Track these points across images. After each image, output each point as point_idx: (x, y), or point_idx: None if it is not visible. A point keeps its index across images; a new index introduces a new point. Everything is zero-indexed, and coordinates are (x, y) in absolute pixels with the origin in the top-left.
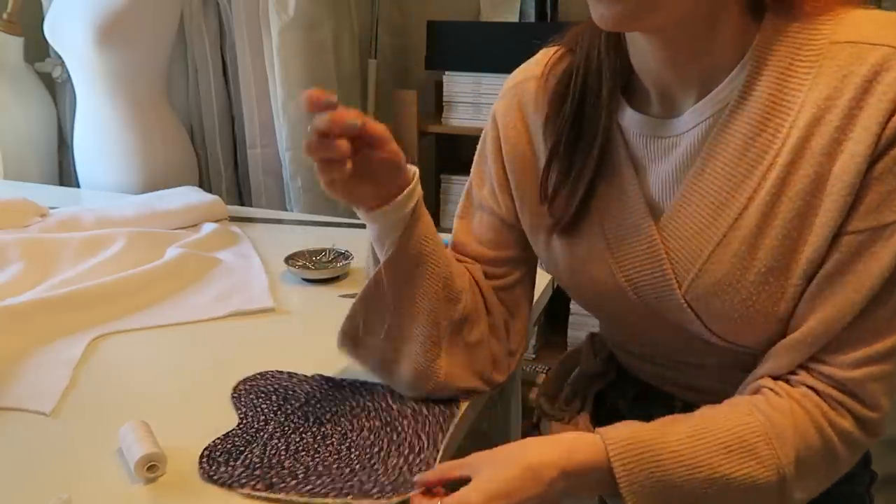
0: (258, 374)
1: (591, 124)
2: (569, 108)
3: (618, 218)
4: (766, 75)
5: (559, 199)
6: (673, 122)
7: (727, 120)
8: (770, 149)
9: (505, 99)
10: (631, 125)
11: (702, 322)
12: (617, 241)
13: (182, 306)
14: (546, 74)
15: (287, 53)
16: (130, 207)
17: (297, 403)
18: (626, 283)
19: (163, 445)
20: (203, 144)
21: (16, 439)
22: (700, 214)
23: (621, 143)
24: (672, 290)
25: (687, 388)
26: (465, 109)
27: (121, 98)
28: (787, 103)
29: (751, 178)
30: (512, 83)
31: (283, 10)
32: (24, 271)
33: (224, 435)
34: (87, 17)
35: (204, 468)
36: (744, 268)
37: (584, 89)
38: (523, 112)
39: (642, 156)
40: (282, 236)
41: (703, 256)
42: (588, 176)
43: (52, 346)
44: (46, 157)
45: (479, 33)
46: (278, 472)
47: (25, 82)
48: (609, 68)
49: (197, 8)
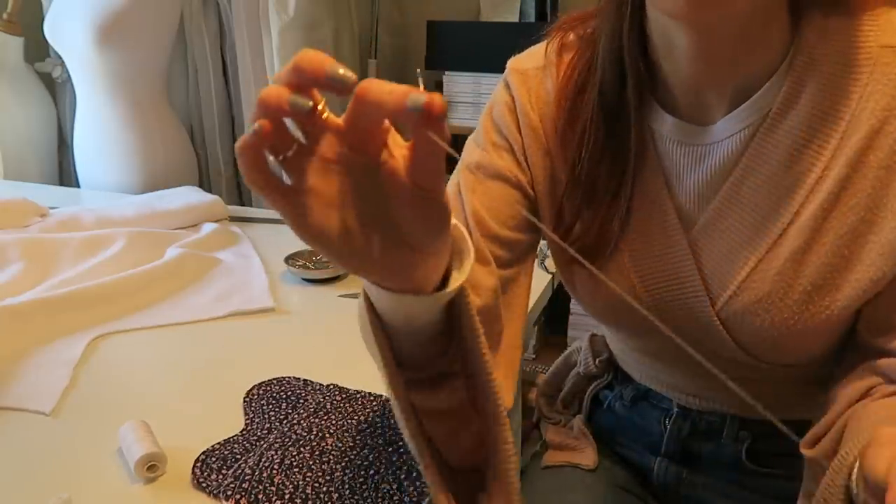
0: (274, 378)
1: (622, 131)
2: (592, 112)
3: (643, 233)
4: (812, 81)
5: (579, 229)
6: (708, 130)
7: (769, 129)
8: (819, 160)
9: (513, 78)
10: (665, 130)
11: (734, 341)
12: (643, 255)
13: (182, 306)
14: (548, 66)
15: (287, 53)
16: (130, 207)
17: (305, 413)
18: (650, 300)
19: (163, 445)
20: (203, 144)
21: (16, 439)
22: (739, 229)
23: (652, 151)
24: (704, 308)
25: (686, 393)
26: (465, 109)
27: (121, 98)
28: (834, 111)
29: (797, 191)
30: (517, 67)
31: (283, 10)
32: (24, 271)
33: (225, 440)
34: (87, 17)
35: (195, 473)
36: (787, 286)
37: (608, 90)
38: (529, 103)
39: (672, 164)
40: (282, 236)
41: (743, 274)
42: (625, 197)
43: (52, 346)
44: (46, 157)
45: (479, 33)
46: (266, 487)
47: (25, 82)
48: (638, 67)
49: (197, 8)
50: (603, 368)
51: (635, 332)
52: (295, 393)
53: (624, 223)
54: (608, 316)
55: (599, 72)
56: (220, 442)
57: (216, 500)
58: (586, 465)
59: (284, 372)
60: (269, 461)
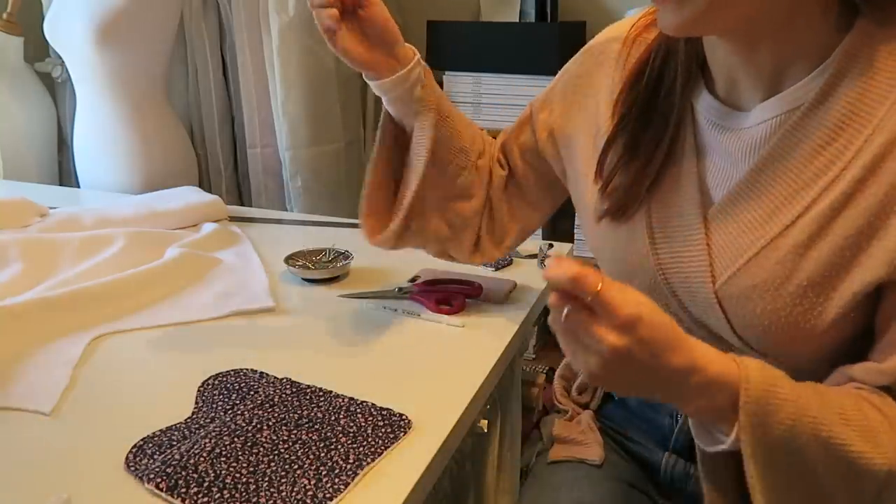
0: (232, 370)
1: (667, 105)
2: (645, 82)
3: (665, 202)
4: (848, 82)
5: (616, 184)
6: (741, 115)
7: (799, 122)
8: (840, 159)
9: (592, 52)
10: (704, 110)
11: (728, 322)
12: (660, 225)
13: (182, 306)
14: (633, 39)
15: (287, 53)
16: (130, 207)
17: (252, 405)
18: (658, 269)
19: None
20: (203, 144)
21: (16, 439)
22: (752, 213)
23: (691, 128)
24: (705, 282)
25: None
26: (465, 109)
27: (121, 98)
28: (865, 114)
29: (814, 185)
30: (600, 39)
31: (283, 10)
32: (24, 271)
33: (166, 427)
34: (86, 17)
35: (128, 458)
36: (785, 277)
37: (664, 66)
38: (599, 71)
39: (705, 141)
40: (282, 236)
41: (747, 256)
42: (657, 164)
43: (52, 346)
44: (46, 157)
45: (479, 33)
46: (188, 474)
47: (25, 82)
48: (689, 47)
49: (197, 8)
50: None
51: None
52: (248, 384)
53: (652, 187)
54: (616, 276)
55: (662, 48)
56: (161, 429)
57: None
58: (592, 461)
59: (285, 372)
60: (199, 449)
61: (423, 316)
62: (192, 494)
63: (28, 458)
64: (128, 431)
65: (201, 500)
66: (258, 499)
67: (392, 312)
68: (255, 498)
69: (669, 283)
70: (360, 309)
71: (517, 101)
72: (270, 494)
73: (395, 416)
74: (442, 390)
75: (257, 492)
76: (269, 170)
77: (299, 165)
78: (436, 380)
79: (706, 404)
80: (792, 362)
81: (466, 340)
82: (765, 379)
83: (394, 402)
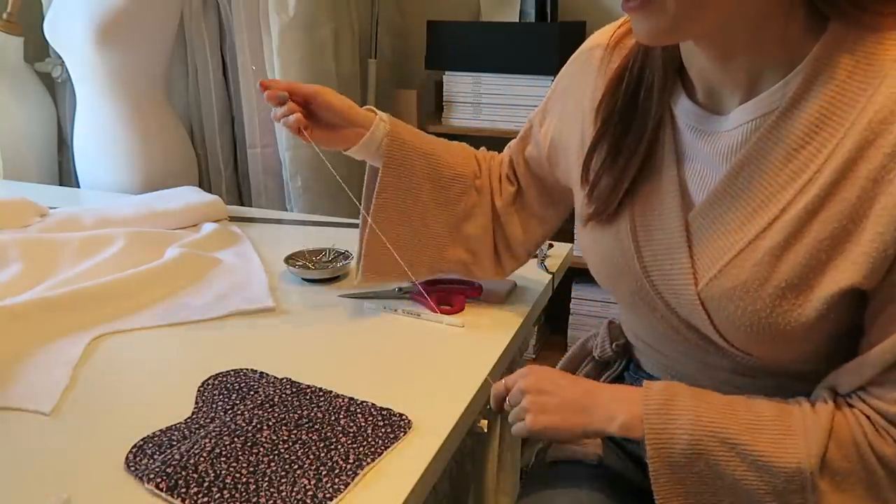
0: (232, 370)
1: (645, 109)
2: (624, 87)
3: (648, 206)
4: (821, 85)
5: (601, 187)
6: (719, 119)
7: (773, 126)
8: (812, 162)
9: (578, 60)
10: (682, 114)
11: (712, 324)
12: (643, 228)
13: (182, 306)
14: (613, 45)
15: (287, 53)
16: (130, 207)
17: (252, 405)
18: (642, 271)
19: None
20: (203, 144)
21: (16, 439)
22: (731, 216)
23: (670, 131)
24: (688, 284)
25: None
26: (465, 109)
27: (121, 98)
28: (837, 118)
29: (789, 188)
30: (585, 47)
31: (283, 10)
32: (24, 271)
33: (166, 427)
34: (86, 16)
35: (128, 458)
36: (764, 278)
37: (641, 72)
38: (584, 78)
39: (685, 147)
40: (282, 236)
41: (727, 258)
42: (635, 166)
43: (52, 346)
44: (46, 157)
45: (479, 33)
46: (188, 474)
47: (25, 82)
48: (665, 54)
49: (197, 8)
50: (618, 354)
51: (628, 301)
52: (247, 384)
53: (632, 190)
54: (604, 278)
55: (640, 54)
56: (161, 429)
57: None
58: (591, 461)
59: (285, 372)
60: (199, 449)
61: (423, 316)
62: (192, 494)
63: (28, 458)
64: (128, 431)
65: (201, 500)
66: (258, 499)
67: (392, 312)
68: (255, 498)
69: (654, 285)
70: (360, 309)
71: (517, 101)
72: (270, 494)
73: (395, 416)
74: (442, 390)
75: (257, 492)
76: (269, 170)
77: (299, 165)
78: (436, 380)
79: (625, 416)
80: (778, 363)
81: (466, 340)
82: (666, 387)
83: (394, 402)
